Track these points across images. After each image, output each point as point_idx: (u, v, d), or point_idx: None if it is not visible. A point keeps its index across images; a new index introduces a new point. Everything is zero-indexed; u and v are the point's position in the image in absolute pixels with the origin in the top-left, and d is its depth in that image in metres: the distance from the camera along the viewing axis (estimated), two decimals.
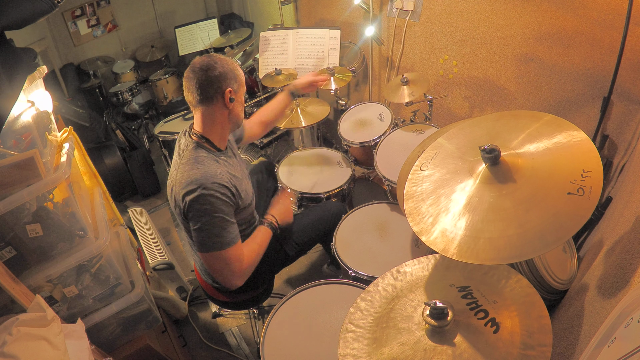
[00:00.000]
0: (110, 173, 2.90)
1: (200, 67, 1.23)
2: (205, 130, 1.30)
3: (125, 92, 3.53)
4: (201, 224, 1.21)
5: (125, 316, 1.50)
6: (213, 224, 1.22)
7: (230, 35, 3.58)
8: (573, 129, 0.92)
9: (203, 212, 1.20)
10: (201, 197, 1.19)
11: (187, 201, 1.21)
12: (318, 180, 1.97)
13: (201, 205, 1.20)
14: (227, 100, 1.27)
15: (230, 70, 1.27)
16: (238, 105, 1.34)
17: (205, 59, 1.25)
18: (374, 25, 2.38)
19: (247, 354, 1.94)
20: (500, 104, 1.97)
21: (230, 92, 1.27)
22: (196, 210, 1.21)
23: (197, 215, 1.21)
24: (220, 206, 1.22)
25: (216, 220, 1.22)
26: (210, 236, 1.22)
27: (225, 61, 1.27)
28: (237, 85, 1.30)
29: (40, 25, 3.33)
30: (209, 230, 1.22)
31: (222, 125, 1.32)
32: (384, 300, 0.98)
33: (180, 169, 1.25)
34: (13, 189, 1.12)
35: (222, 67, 1.25)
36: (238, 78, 1.30)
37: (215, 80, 1.24)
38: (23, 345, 0.94)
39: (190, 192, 1.20)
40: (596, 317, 0.83)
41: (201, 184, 1.20)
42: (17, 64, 1.16)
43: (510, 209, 0.85)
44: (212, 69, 1.23)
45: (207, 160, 1.26)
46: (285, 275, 2.25)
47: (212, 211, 1.21)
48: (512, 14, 1.74)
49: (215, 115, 1.29)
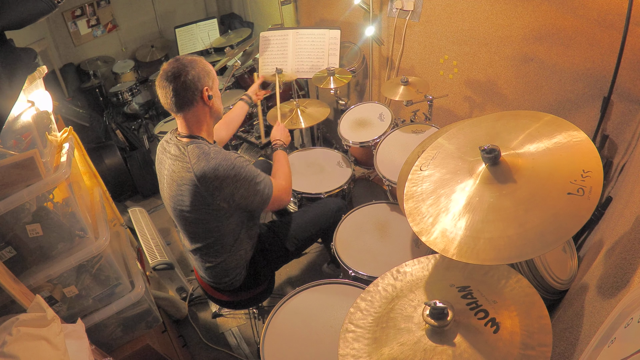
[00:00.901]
0: (110, 173, 2.90)
1: (172, 74, 1.22)
2: (193, 130, 1.32)
3: (125, 92, 3.53)
4: (252, 190, 1.31)
5: (125, 316, 1.50)
6: (259, 183, 1.33)
7: (230, 35, 3.58)
8: (573, 129, 0.92)
9: (247, 182, 1.29)
10: (237, 175, 1.26)
11: (225, 186, 1.25)
12: (318, 180, 1.97)
13: (240, 180, 1.27)
14: (205, 99, 1.28)
15: (201, 69, 1.27)
16: (217, 100, 1.35)
17: (174, 64, 1.24)
18: (374, 25, 2.38)
19: (247, 354, 1.94)
20: (500, 104, 1.97)
21: (207, 89, 1.28)
22: (239, 186, 1.27)
23: (242, 189, 1.28)
24: (251, 171, 1.31)
25: (257, 179, 1.32)
26: (263, 191, 1.35)
27: (194, 61, 1.27)
28: (211, 81, 1.31)
29: (40, 25, 3.33)
30: (260, 190, 1.33)
31: (206, 122, 1.35)
32: (384, 300, 0.98)
33: (196, 167, 1.24)
34: (13, 189, 1.12)
35: (193, 69, 1.24)
36: (210, 73, 1.31)
37: (191, 84, 1.24)
38: (23, 345, 0.94)
39: (225, 177, 1.24)
40: (596, 317, 0.83)
41: (228, 166, 1.25)
42: (17, 64, 1.16)
43: (510, 209, 0.85)
44: (185, 73, 1.23)
45: (213, 149, 1.29)
46: (285, 275, 2.25)
47: (251, 177, 1.30)
48: (512, 14, 1.74)
49: (199, 116, 1.31)
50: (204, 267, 1.48)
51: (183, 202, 1.30)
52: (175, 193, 1.31)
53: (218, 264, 1.44)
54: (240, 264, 1.47)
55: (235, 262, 1.46)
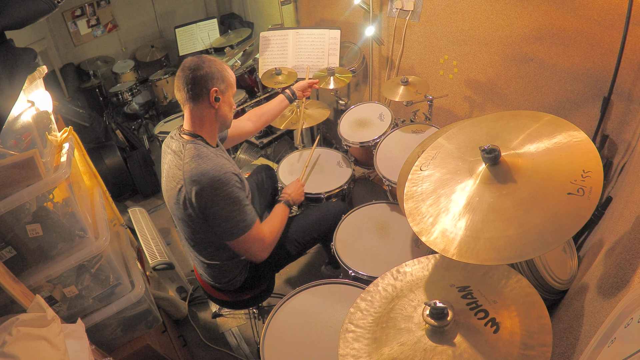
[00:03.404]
0: (110, 173, 2.90)
1: (189, 67, 1.27)
2: (196, 128, 1.33)
3: (125, 92, 3.53)
4: (225, 213, 1.26)
5: (125, 316, 1.50)
6: (236, 210, 1.28)
7: (230, 35, 3.58)
8: (573, 129, 0.92)
9: (224, 201, 1.25)
10: (218, 189, 1.23)
11: (203, 195, 1.23)
12: (318, 180, 1.97)
13: (219, 196, 1.24)
14: (212, 99, 1.30)
15: (217, 70, 1.30)
16: (225, 106, 1.36)
17: (195, 59, 1.29)
18: (374, 25, 2.38)
19: (247, 354, 1.94)
20: (500, 104, 1.97)
21: (216, 91, 1.30)
22: (215, 202, 1.24)
23: (217, 206, 1.25)
24: (237, 193, 1.27)
25: (237, 207, 1.28)
26: (237, 222, 1.29)
27: (214, 62, 1.30)
28: (224, 86, 1.32)
29: (40, 25, 3.33)
30: (233, 217, 1.28)
31: (210, 124, 1.35)
32: (384, 300, 0.98)
33: (186, 167, 1.26)
34: (13, 189, 1.12)
35: (209, 68, 1.28)
36: (226, 79, 1.33)
37: (202, 80, 1.27)
38: (23, 345, 0.94)
39: (206, 186, 1.22)
40: (596, 317, 0.83)
41: (214, 176, 1.23)
42: (17, 64, 1.16)
43: (510, 209, 0.85)
44: (199, 68, 1.27)
45: (210, 154, 1.29)
46: (285, 275, 2.25)
47: (232, 200, 1.26)
48: (512, 14, 1.74)
49: (203, 114, 1.32)
50: (204, 267, 1.48)
51: (176, 199, 1.31)
52: (169, 187, 1.34)
53: (218, 264, 1.44)
54: (240, 264, 1.48)
55: (235, 263, 1.46)
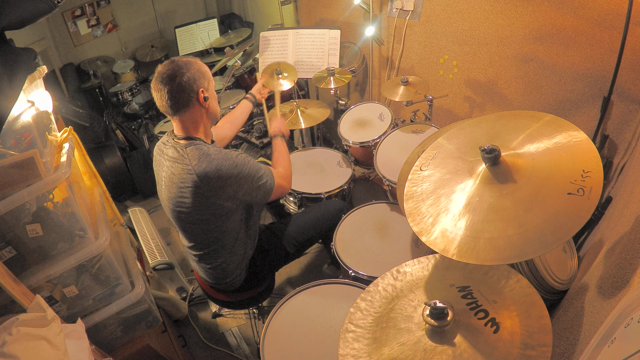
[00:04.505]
0: (110, 173, 2.90)
1: (168, 76, 1.21)
2: (190, 132, 1.31)
3: (125, 92, 3.53)
4: (255, 186, 1.32)
5: (125, 316, 1.50)
6: (259, 178, 1.33)
7: (230, 35, 3.58)
8: (573, 129, 0.92)
9: (249, 179, 1.30)
10: (239, 174, 1.27)
11: (228, 186, 1.26)
12: (318, 180, 1.97)
13: (242, 179, 1.28)
14: (201, 100, 1.27)
15: (196, 70, 1.26)
16: (213, 101, 1.34)
17: (169, 66, 1.23)
18: (374, 25, 2.38)
19: (247, 354, 1.94)
20: (500, 104, 1.97)
21: (203, 91, 1.27)
22: (241, 185, 1.28)
23: (246, 185, 1.30)
24: (252, 166, 1.32)
25: (259, 174, 1.33)
26: (265, 185, 1.36)
27: (189, 62, 1.26)
28: (207, 82, 1.29)
29: (40, 25, 3.33)
30: (262, 185, 1.34)
31: (203, 124, 1.34)
32: (384, 300, 0.98)
33: (198, 169, 1.23)
34: (13, 189, 1.12)
35: (188, 70, 1.23)
36: (205, 74, 1.29)
37: (187, 86, 1.23)
38: (23, 345, 0.94)
39: (227, 177, 1.24)
40: (596, 317, 0.83)
41: (229, 166, 1.25)
42: (17, 64, 1.16)
43: (510, 209, 0.85)
44: (180, 75, 1.21)
45: (212, 149, 1.28)
46: (285, 275, 2.25)
47: (252, 174, 1.31)
48: (512, 14, 1.74)
49: (195, 118, 1.30)
50: (204, 268, 1.48)
51: (184, 204, 1.29)
52: (175, 195, 1.30)
53: (218, 264, 1.44)
54: (240, 264, 1.47)
55: (235, 263, 1.46)
